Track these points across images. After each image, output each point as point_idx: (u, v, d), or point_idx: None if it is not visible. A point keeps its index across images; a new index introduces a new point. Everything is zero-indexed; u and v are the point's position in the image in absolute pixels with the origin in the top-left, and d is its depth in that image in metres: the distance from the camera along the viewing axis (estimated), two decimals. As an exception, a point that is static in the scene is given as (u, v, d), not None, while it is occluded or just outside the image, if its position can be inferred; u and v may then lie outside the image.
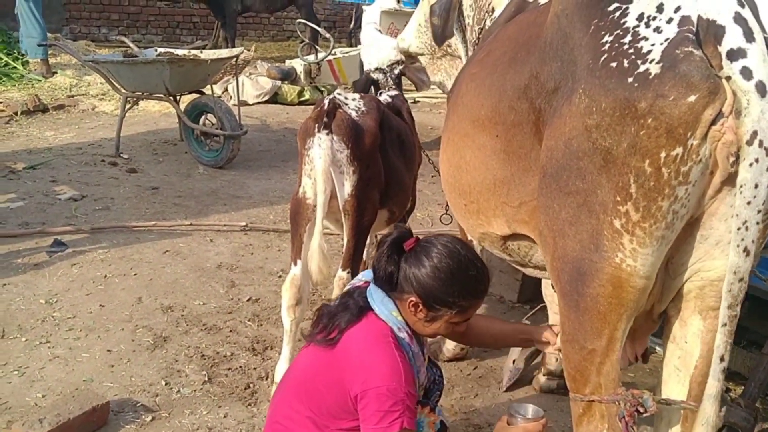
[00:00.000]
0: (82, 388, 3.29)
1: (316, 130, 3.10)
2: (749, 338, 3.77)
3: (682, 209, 1.83)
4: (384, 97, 3.87)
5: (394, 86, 4.12)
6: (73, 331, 3.81)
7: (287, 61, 9.95)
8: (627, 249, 1.86)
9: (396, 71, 4.17)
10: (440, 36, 3.88)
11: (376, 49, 4.26)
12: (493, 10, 3.53)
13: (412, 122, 4.06)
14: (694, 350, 2.03)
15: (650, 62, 1.77)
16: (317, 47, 8.76)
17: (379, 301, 2.27)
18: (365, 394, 2.10)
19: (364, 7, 9.08)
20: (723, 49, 1.71)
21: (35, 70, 9.32)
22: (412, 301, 2.22)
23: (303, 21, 8.92)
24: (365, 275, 2.45)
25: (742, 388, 3.32)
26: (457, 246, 2.26)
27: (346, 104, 3.30)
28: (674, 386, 2.09)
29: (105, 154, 6.82)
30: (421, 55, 4.50)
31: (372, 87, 4.23)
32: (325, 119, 3.09)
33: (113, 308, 4.08)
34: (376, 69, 4.15)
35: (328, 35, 6.77)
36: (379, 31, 4.48)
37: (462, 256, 2.24)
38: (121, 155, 6.81)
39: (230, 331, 3.96)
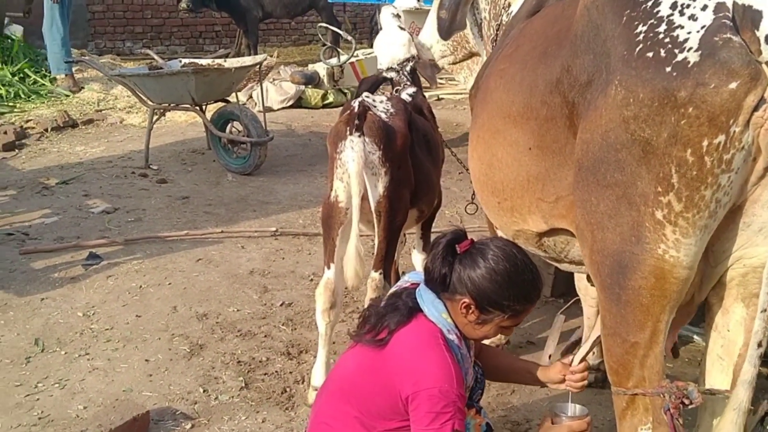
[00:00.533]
0: (122, 399, 3.32)
1: (348, 133, 3.09)
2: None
3: (725, 197, 1.80)
4: (405, 96, 3.86)
5: (409, 83, 4.08)
6: (111, 342, 3.85)
7: (310, 65, 9.97)
8: (670, 240, 1.83)
9: (408, 68, 4.14)
10: (446, 30, 3.85)
11: (386, 47, 4.21)
12: (509, 5, 3.50)
13: (433, 119, 4.04)
14: (737, 338, 2.00)
15: (688, 50, 1.74)
16: (339, 50, 8.77)
17: (429, 302, 2.25)
18: (417, 396, 2.09)
19: (383, 8, 9.06)
20: (761, 34, 1.68)
21: (62, 85, 9.44)
22: (465, 302, 2.19)
23: (324, 24, 8.93)
24: (411, 277, 2.44)
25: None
26: (514, 249, 2.24)
27: (375, 106, 3.30)
28: (717, 375, 2.06)
29: (135, 166, 6.87)
30: (444, 57, 4.46)
31: (385, 85, 4.18)
32: (356, 122, 3.08)
33: (149, 318, 4.11)
34: (389, 69, 4.12)
35: (349, 37, 6.73)
36: (398, 15, 4.40)
37: (519, 259, 2.21)
38: (151, 166, 6.86)
39: (265, 336, 3.97)
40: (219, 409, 3.33)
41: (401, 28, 4.28)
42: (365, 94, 3.48)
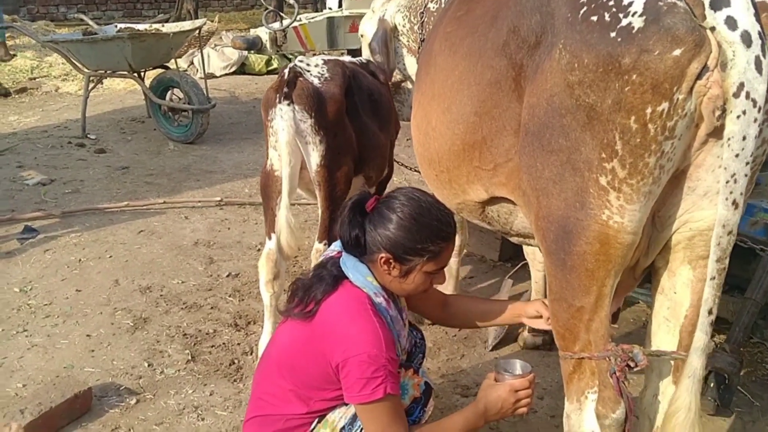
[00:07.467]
0: (63, 376, 3.24)
1: (277, 101, 3.01)
2: (731, 283, 3.77)
3: (668, 163, 1.79)
4: (359, 59, 3.77)
5: None
6: (50, 318, 3.74)
7: (252, 30, 9.76)
8: (614, 206, 1.82)
9: None
10: (389, 70, 3.88)
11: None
12: None
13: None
14: (683, 300, 2.01)
15: (632, 15, 1.70)
16: (282, 14, 8.60)
17: (352, 267, 2.24)
18: (346, 363, 2.08)
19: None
20: None
21: (-7, 54, 9.09)
22: (383, 257, 2.19)
23: (266, -12, 8.74)
24: (337, 245, 2.41)
25: (726, 333, 3.34)
26: (416, 194, 2.25)
27: (308, 71, 3.19)
28: (664, 337, 2.08)
29: (72, 136, 6.69)
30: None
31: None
32: (285, 89, 3.00)
33: (90, 292, 4.01)
34: None
35: (292, 1, 6.61)
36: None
37: (423, 201, 2.22)
38: (89, 136, 6.69)
39: (211, 308, 3.91)
40: (165, 383, 3.27)
41: None
42: (299, 58, 3.37)
